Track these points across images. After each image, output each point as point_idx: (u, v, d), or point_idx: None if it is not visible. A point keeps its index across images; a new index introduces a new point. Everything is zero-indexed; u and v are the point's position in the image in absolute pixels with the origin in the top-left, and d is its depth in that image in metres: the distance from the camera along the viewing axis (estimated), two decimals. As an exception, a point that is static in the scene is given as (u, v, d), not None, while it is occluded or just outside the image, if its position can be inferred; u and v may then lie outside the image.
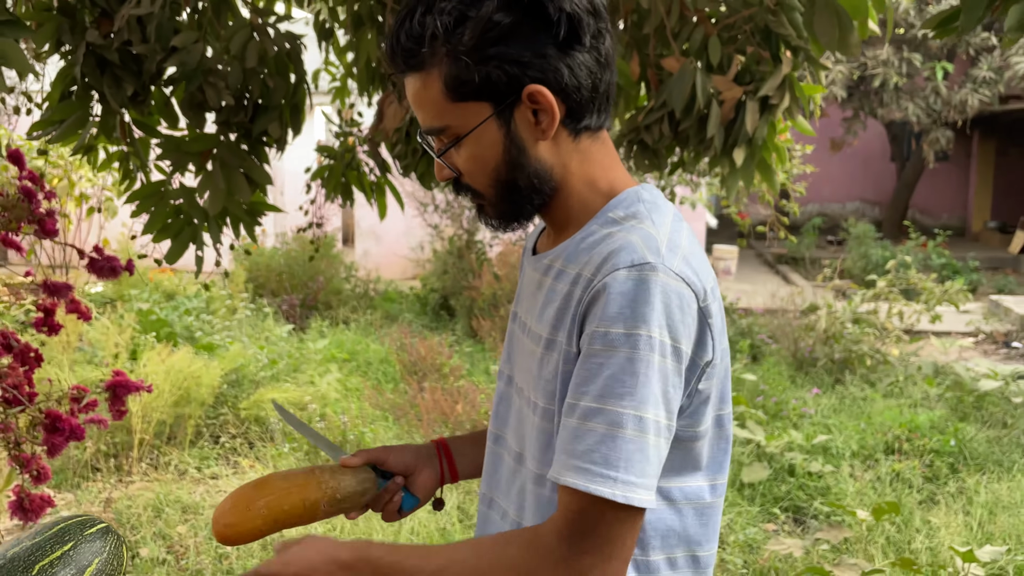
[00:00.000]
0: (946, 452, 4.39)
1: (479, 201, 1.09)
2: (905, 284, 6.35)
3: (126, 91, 2.35)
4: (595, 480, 0.91)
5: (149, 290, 7.41)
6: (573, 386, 0.96)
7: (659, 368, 0.93)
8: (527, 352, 1.10)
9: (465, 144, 1.03)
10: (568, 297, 1.02)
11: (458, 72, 0.99)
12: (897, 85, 12.13)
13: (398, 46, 1.02)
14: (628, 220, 1.03)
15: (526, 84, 1.00)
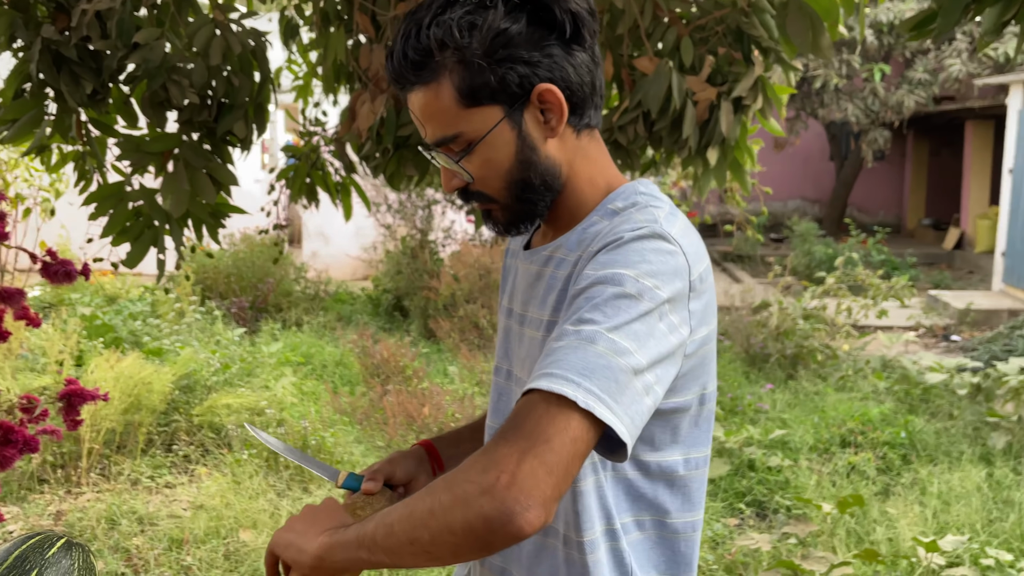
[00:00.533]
0: (898, 444, 4.51)
1: (489, 206, 1.11)
2: (853, 280, 6.51)
3: (85, 89, 2.26)
4: (556, 382, 0.87)
5: (91, 294, 7.18)
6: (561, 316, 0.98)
7: (637, 309, 0.92)
8: (528, 341, 1.12)
9: (478, 149, 1.04)
10: (568, 279, 1.06)
11: (471, 78, 1.01)
12: (837, 86, 12.44)
13: (406, 61, 1.02)
14: (628, 208, 1.07)
15: (536, 84, 1.03)
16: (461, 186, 1.09)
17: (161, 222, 2.50)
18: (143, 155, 2.43)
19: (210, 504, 3.72)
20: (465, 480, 0.86)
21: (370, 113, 2.25)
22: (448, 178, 1.10)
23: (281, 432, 4.03)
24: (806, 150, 17.27)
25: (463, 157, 1.05)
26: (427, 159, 2.56)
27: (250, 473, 3.94)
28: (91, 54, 2.26)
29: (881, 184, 17.35)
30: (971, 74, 11.63)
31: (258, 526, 3.50)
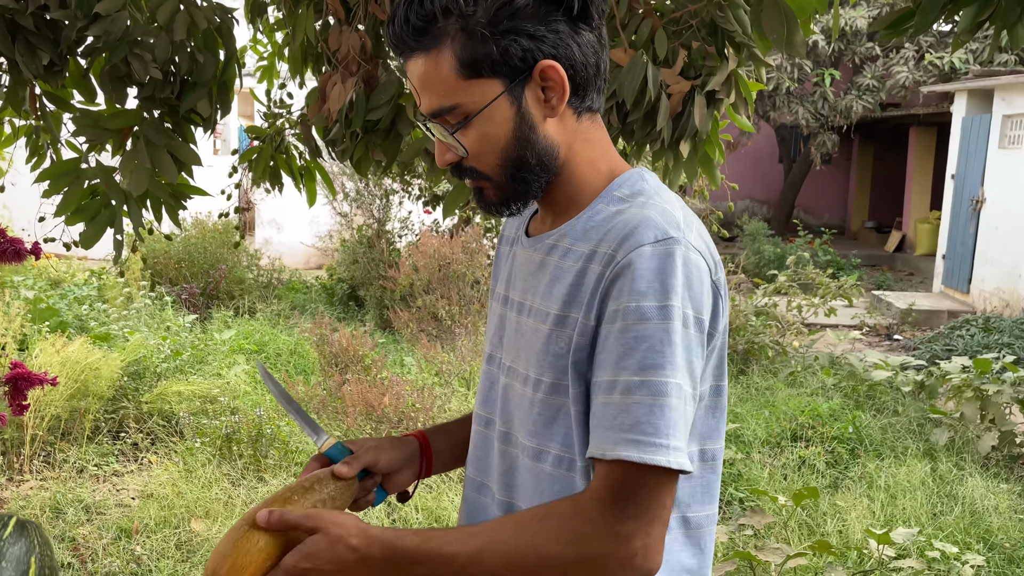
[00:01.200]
0: (846, 439, 4.62)
1: (481, 183, 1.08)
2: (803, 279, 6.64)
3: (41, 60, 2.18)
4: (647, 450, 0.93)
5: (34, 277, 6.95)
6: (608, 362, 0.97)
7: (684, 338, 0.96)
8: (528, 331, 1.09)
9: (475, 122, 1.02)
10: (582, 274, 1.03)
11: (473, 48, 0.99)
12: (789, 90, 12.67)
13: (407, 26, 1.00)
14: (635, 197, 1.05)
15: (539, 59, 1.01)
16: (454, 160, 1.07)
17: (119, 202, 2.43)
18: (101, 131, 2.35)
19: (160, 493, 3.63)
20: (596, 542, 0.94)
21: (341, 95, 2.21)
22: (442, 152, 1.07)
23: (235, 420, 3.95)
24: (756, 151, 17.57)
25: (459, 130, 1.03)
26: (396, 145, 2.53)
27: (202, 462, 3.85)
28: (48, 24, 2.18)
29: (827, 187, 17.74)
30: (917, 82, 11.94)
31: (211, 515, 3.43)
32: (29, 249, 2.46)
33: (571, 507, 0.96)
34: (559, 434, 1.05)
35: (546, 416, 1.06)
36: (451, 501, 3.57)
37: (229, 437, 3.87)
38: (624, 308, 0.96)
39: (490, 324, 1.23)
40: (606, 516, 0.94)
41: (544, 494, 1.06)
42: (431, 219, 7.79)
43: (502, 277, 1.22)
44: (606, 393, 0.96)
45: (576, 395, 1.02)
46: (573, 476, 1.05)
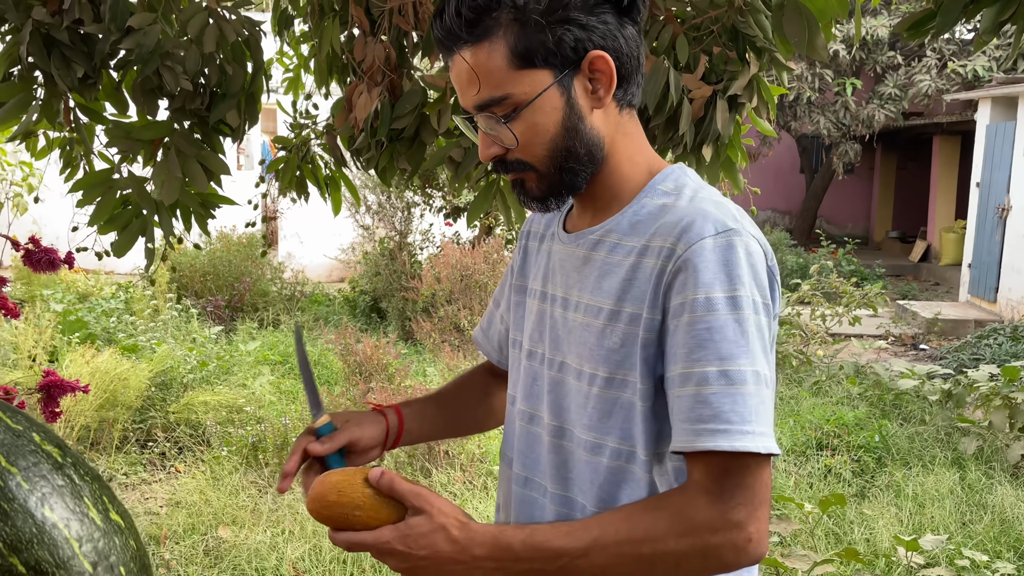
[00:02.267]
0: (872, 448, 4.58)
1: (525, 175, 1.08)
2: (827, 288, 6.60)
3: (76, 73, 2.23)
4: (736, 438, 0.94)
5: (63, 291, 7.06)
6: (681, 355, 0.98)
7: (757, 324, 0.98)
8: (577, 326, 1.10)
9: (525, 113, 1.02)
10: (635, 268, 1.04)
11: (527, 37, 1.00)
12: (810, 99, 12.63)
13: (459, 18, 1.00)
14: (681, 191, 1.07)
15: (589, 50, 1.02)
16: (500, 154, 1.07)
17: (150, 211, 2.47)
18: (133, 143, 2.39)
19: (188, 500, 3.67)
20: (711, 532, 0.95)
21: (367, 104, 2.24)
22: (487, 145, 1.07)
23: (261, 428, 3.98)
24: (777, 162, 17.51)
25: (510, 120, 1.03)
26: (420, 154, 2.56)
27: (229, 470, 3.89)
28: (83, 38, 2.23)
29: (850, 196, 17.64)
30: (940, 90, 11.87)
31: (238, 522, 3.46)
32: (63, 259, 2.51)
33: (681, 498, 0.97)
34: (616, 427, 1.06)
35: (602, 410, 1.07)
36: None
37: (255, 445, 3.90)
38: (692, 300, 0.97)
39: (524, 319, 1.23)
40: (717, 505, 0.95)
41: (602, 487, 1.07)
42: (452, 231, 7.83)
43: (536, 273, 1.22)
44: (682, 386, 0.98)
45: (644, 391, 1.03)
46: (632, 468, 1.06)
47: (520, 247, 1.32)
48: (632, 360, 1.04)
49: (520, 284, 1.28)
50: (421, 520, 0.94)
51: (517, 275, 1.29)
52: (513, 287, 1.29)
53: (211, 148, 2.51)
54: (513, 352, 1.26)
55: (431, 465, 3.78)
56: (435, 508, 0.95)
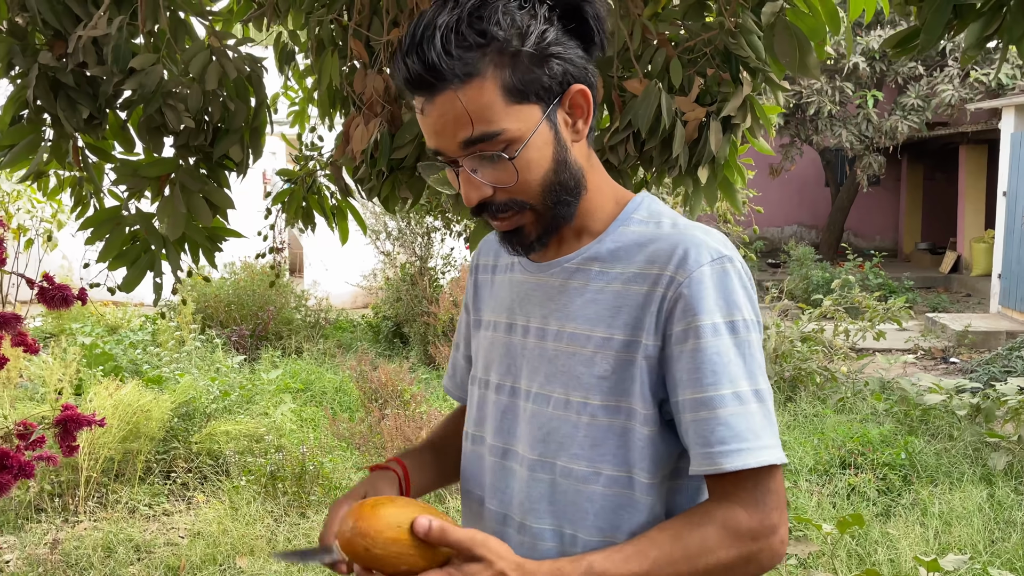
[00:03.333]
0: (898, 465, 4.49)
1: (519, 217, 1.05)
2: (850, 303, 6.52)
3: (81, 114, 2.29)
4: (757, 453, 1.00)
5: (92, 324, 7.19)
6: (691, 380, 1.02)
7: (756, 344, 1.04)
8: (560, 355, 1.09)
9: (522, 150, 1.00)
10: (624, 295, 1.06)
11: (520, 72, 0.99)
12: (831, 113, 12.55)
13: (448, 56, 0.96)
14: (659, 218, 1.10)
15: (571, 83, 1.02)
16: (488, 196, 1.03)
17: (158, 246, 2.52)
18: (140, 179, 2.45)
19: (207, 531, 3.70)
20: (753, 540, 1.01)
21: (364, 135, 2.27)
22: (475, 187, 1.03)
23: (279, 457, 4.02)
24: (802, 176, 17.39)
25: (501, 158, 1.00)
26: (422, 182, 2.58)
27: (247, 499, 3.92)
28: (88, 80, 2.29)
29: (877, 209, 17.44)
30: (963, 99, 11.73)
31: (255, 552, 3.48)
32: (76, 295, 2.57)
33: (721, 511, 1.02)
34: (609, 454, 1.06)
35: (594, 437, 1.07)
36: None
37: (273, 475, 3.93)
38: (697, 327, 1.01)
39: (487, 352, 1.21)
40: (755, 514, 1.01)
41: (599, 515, 1.07)
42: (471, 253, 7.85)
43: (494, 305, 1.22)
44: (695, 411, 1.01)
45: (647, 416, 1.04)
46: (632, 493, 1.06)
47: (470, 283, 1.31)
48: (629, 387, 1.05)
49: (476, 319, 1.27)
50: (480, 568, 0.94)
51: (474, 310, 1.28)
52: (472, 323, 1.28)
53: (217, 183, 2.56)
54: (474, 389, 1.23)
55: (444, 490, 3.78)
56: (493, 553, 0.95)
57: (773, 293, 7.42)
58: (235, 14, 2.75)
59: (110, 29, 2.19)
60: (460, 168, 1.02)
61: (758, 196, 14.58)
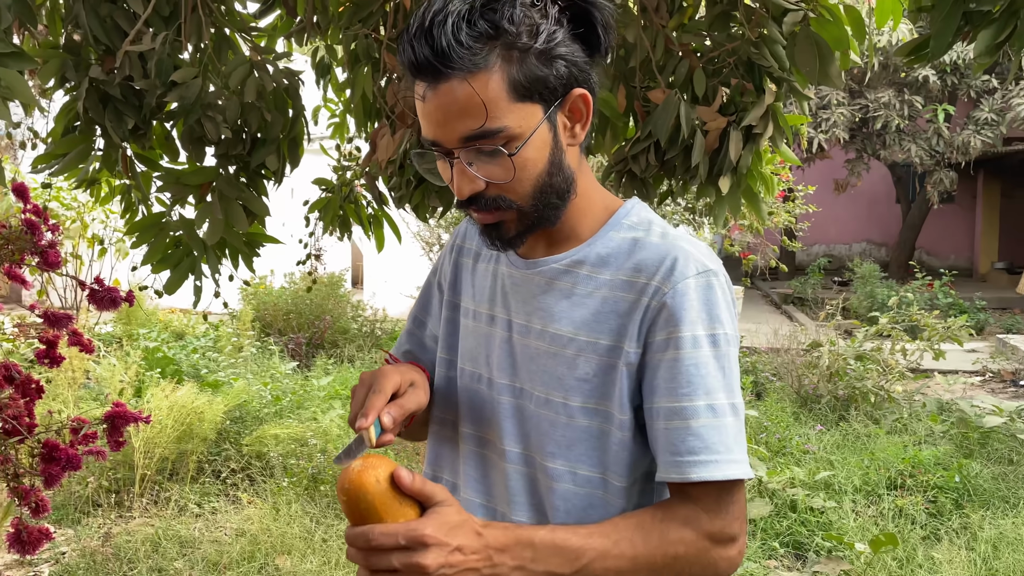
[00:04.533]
0: (950, 488, 4.35)
1: (504, 215, 1.05)
2: (908, 321, 6.34)
3: (127, 125, 2.42)
4: (724, 467, 1.01)
5: (158, 329, 7.47)
6: (667, 389, 1.03)
7: (734, 358, 1.06)
8: (541, 354, 1.10)
9: (521, 147, 1.00)
10: (610, 301, 1.07)
11: (527, 69, 0.98)
12: (899, 127, 12.23)
13: (458, 45, 0.95)
14: (648, 226, 1.11)
15: (573, 87, 1.02)
16: (480, 190, 1.02)
17: (199, 251, 2.64)
18: (183, 187, 2.56)
19: (250, 530, 3.81)
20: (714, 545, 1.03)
21: (389, 146, 2.34)
22: (469, 180, 1.01)
23: (321, 461, 4.11)
24: (871, 192, 16.96)
25: (499, 154, 0.99)
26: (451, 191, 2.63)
27: (289, 500, 4.02)
28: (135, 92, 2.42)
29: (950, 227, 16.89)
30: (1041, 113, 11.31)
31: (293, 552, 3.57)
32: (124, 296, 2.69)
33: (685, 510, 1.03)
34: (585, 455, 1.08)
35: (571, 438, 1.08)
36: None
37: (315, 477, 4.02)
38: (677, 338, 1.02)
39: (460, 340, 1.22)
40: (717, 521, 1.03)
41: (571, 513, 1.09)
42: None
43: (474, 293, 1.21)
44: (668, 419, 1.02)
45: (623, 421, 1.06)
46: (604, 495, 1.08)
47: (448, 261, 1.28)
48: (610, 391, 1.06)
49: (452, 301, 1.25)
50: (451, 510, 0.91)
51: (449, 291, 1.26)
52: (446, 303, 1.26)
53: (255, 191, 2.66)
54: (445, 372, 1.23)
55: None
56: (458, 503, 0.94)
57: (828, 309, 7.25)
58: (278, 29, 2.86)
59: (154, 44, 2.31)
60: (456, 160, 1.01)
61: (824, 212, 14.25)
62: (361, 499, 0.89)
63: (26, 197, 2.08)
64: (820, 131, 12.01)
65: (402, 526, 0.88)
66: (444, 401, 1.23)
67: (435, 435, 1.25)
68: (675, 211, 7.08)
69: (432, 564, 0.88)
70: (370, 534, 0.88)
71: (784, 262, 10.94)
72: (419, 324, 1.32)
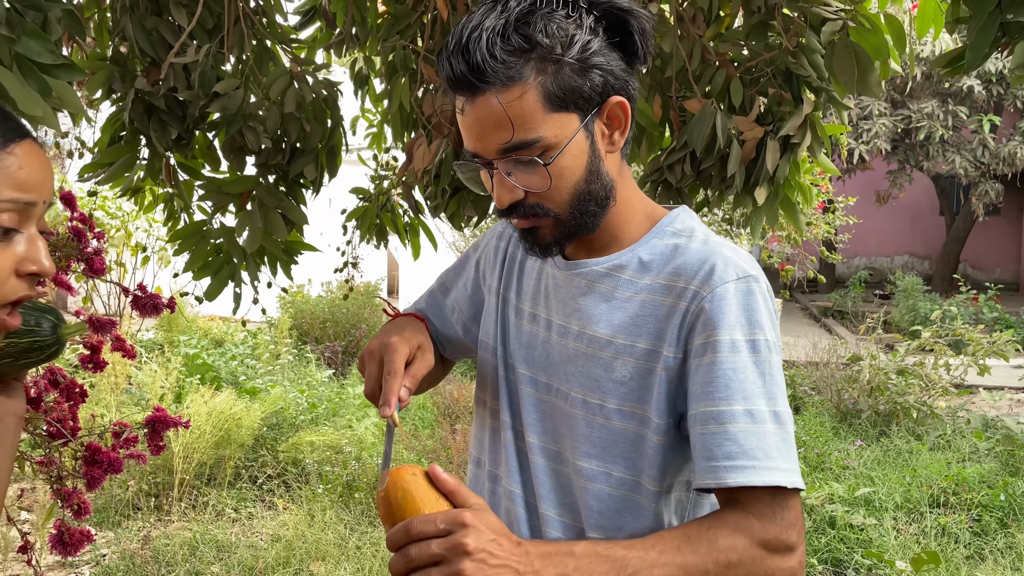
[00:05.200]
0: (995, 506, 4.25)
1: (541, 222, 1.06)
2: (951, 336, 6.21)
3: (171, 135, 2.47)
4: (763, 473, 0.99)
5: (198, 336, 7.59)
6: (706, 394, 1.02)
7: (776, 366, 1.04)
8: (578, 355, 1.11)
9: (557, 157, 1.02)
10: (649, 304, 1.07)
11: (562, 80, 1.00)
12: (943, 138, 12.02)
13: (492, 59, 0.97)
14: (691, 233, 1.11)
15: (610, 95, 1.04)
16: (519, 199, 1.04)
17: (238, 258, 2.68)
18: (224, 196, 2.61)
19: (285, 535, 3.84)
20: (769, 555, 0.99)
21: (425, 155, 2.36)
22: (508, 190, 1.04)
23: (356, 468, 4.14)
24: (914, 204, 16.67)
25: (536, 164, 1.01)
26: (487, 201, 2.65)
27: (324, 507, 4.05)
28: (178, 103, 2.47)
29: (996, 239, 16.53)
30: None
31: (327, 559, 3.59)
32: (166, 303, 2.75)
33: (735, 517, 1.00)
34: (619, 456, 1.08)
35: (605, 439, 1.08)
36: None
37: (349, 484, 4.05)
38: (715, 342, 1.01)
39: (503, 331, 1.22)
40: (771, 527, 0.99)
41: (603, 514, 1.09)
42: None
43: (521, 290, 1.22)
44: (705, 424, 1.01)
45: (660, 426, 1.06)
46: (637, 497, 1.08)
47: (497, 247, 1.29)
48: (647, 395, 1.06)
49: (499, 290, 1.26)
50: (490, 514, 0.90)
51: (497, 280, 1.27)
52: (492, 290, 1.27)
53: (294, 200, 2.70)
54: (487, 356, 1.24)
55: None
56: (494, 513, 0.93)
57: (868, 323, 7.13)
58: (318, 41, 2.91)
59: (198, 56, 2.36)
60: (495, 170, 1.03)
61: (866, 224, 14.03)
62: (399, 491, 0.90)
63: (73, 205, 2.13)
64: (861, 142, 11.84)
65: (440, 512, 0.88)
66: (486, 386, 1.25)
67: (478, 417, 1.28)
68: (712, 222, 7.04)
69: (472, 544, 0.85)
70: (409, 524, 0.87)
71: (824, 274, 10.79)
72: (444, 290, 1.35)
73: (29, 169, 0.80)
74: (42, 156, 0.83)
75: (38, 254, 0.81)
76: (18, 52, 1.65)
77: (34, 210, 0.81)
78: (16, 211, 0.79)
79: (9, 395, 1.03)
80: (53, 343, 1.03)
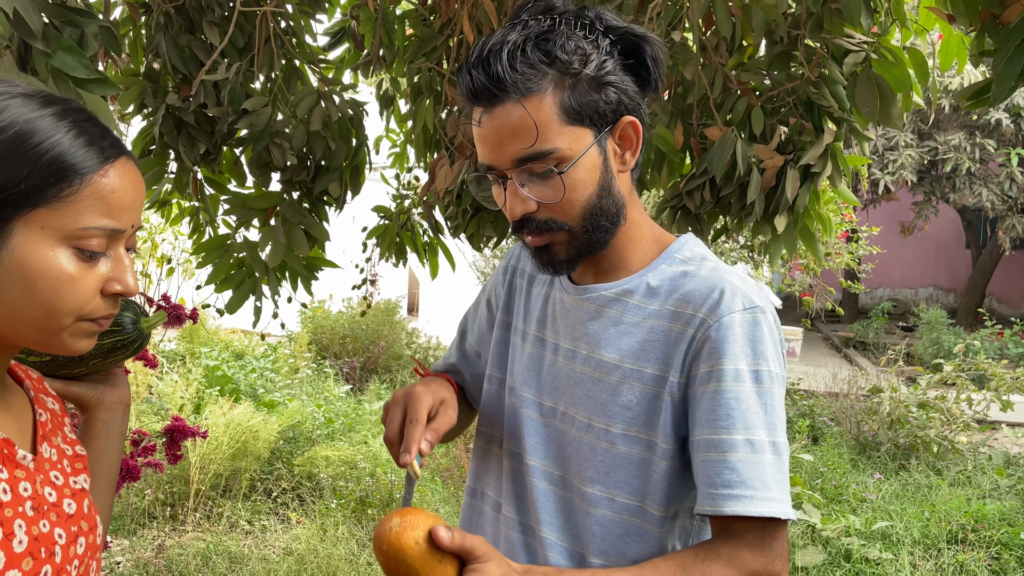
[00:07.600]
0: (1015, 545, 4.17)
1: (554, 237, 1.07)
2: (974, 370, 6.14)
3: (199, 149, 2.52)
4: (760, 503, 1.00)
5: (219, 349, 7.65)
6: (708, 421, 1.03)
7: (779, 397, 1.05)
8: (584, 379, 1.12)
9: (571, 168, 1.03)
10: (657, 331, 1.08)
11: (578, 94, 1.02)
12: (970, 170, 11.93)
13: (512, 71, 1.00)
14: (700, 261, 1.12)
15: (624, 114, 1.06)
16: (532, 212, 1.06)
17: (260, 272, 2.72)
18: (248, 211, 2.66)
19: (298, 549, 3.85)
20: None
21: (448, 175, 2.39)
22: (521, 201, 1.05)
23: (369, 484, 4.15)
24: (939, 236, 16.53)
25: (550, 175, 1.03)
26: (506, 222, 2.67)
27: (337, 522, 4.06)
28: (207, 119, 2.52)
29: (1023, 274, 16.32)
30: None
31: (338, 574, 3.60)
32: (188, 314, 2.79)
33: (727, 548, 1.02)
34: (623, 481, 1.09)
35: (609, 463, 1.09)
36: None
37: (363, 500, 4.06)
38: (720, 370, 1.02)
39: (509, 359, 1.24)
40: (760, 558, 1.02)
41: (606, 539, 1.09)
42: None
43: (526, 315, 1.24)
44: (707, 451, 1.02)
45: (667, 451, 1.06)
46: (641, 523, 1.09)
47: (502, 282, 1.32)
48: (653, 420, 1.07)
49: (505, 320, 1.28)
50: (491, 565, 0.91)
51: (502, 311, 1.29)
52: (499, 323, 1.29)
53: (317, 216, 2.74)
54: (496, 390, 1.26)
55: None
56: (499, 554, 0.94)
57: (889, 355, 7.06)
58: (346, 62, 2.96)
59: (228, 74, 2.41)
60: (508, 181, 1.05)
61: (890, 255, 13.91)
62: (400, 561, 0.90)
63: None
64: (887, 172, 11.78)
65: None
66: (491, 418, 1.26)
67: (480, 450, 1.28)
68: (733, 248, 7.02)
69: None
70: None
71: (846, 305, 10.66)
72: (462, 336, 1.39)
73: (121, 192, 0.79)
74: (136, 176, 0.82)
75: (124, 274, 0.81)
76: (54, 66, 1.70)
77: (122, 235, 0.81)
78: (105, 237, 0.79)
79: (115, 384, 1.08)
80: (136, 338, 1.05)
